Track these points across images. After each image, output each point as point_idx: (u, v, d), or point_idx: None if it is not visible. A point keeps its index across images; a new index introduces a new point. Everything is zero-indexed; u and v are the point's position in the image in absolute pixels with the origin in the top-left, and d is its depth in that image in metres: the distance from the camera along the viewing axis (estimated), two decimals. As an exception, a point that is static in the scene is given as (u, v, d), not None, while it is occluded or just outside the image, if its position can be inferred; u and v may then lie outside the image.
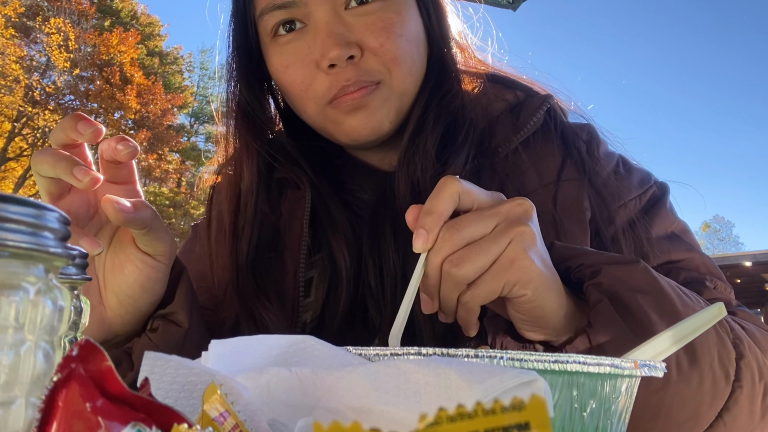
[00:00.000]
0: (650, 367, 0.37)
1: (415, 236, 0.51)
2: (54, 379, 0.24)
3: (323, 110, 0.73)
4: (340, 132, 0.74)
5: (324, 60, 0.69)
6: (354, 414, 0.32)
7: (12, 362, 0.28)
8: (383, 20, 0.71)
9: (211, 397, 0.28)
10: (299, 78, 0.72)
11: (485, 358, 0.34)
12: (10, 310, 0.28)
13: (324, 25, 0.69)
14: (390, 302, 0.71)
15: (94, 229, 0.63)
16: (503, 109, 0.79)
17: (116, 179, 0.63)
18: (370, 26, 0.70)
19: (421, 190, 0.73)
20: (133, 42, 16.76)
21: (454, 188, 0.51)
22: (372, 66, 0.70)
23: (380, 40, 0.70)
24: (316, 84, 0.71)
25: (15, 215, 0.28)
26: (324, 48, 0.69)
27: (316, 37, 0.70)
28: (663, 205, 0.75)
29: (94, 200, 0.63)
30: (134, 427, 0.24)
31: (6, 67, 14.56)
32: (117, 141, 0.60)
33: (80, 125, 0.58)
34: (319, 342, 0.38)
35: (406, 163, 0.74)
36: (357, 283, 0.74)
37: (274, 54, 0.74)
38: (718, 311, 0.46)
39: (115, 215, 0.58)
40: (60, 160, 0.57)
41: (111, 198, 0.58)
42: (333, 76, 0.70)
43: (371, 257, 0.74)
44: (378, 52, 0.70)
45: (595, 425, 0.35)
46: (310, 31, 0.71)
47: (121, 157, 0.60)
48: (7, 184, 15.60)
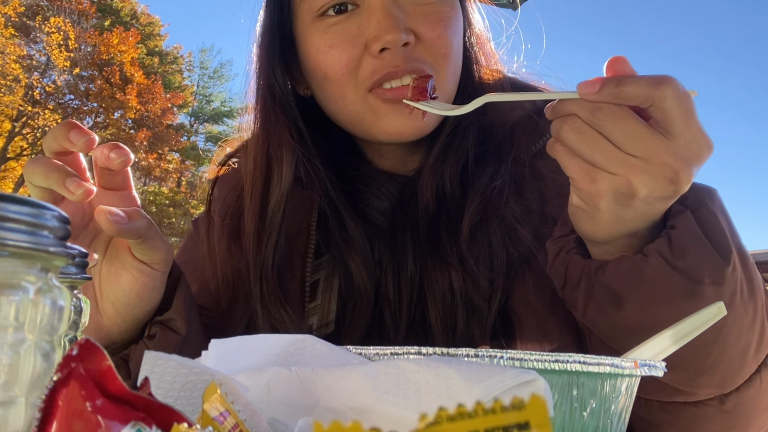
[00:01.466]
0: (650, 366, 0.37)
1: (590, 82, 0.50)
2: (54, 379, 0.24)
3: (364, 97, 0.69)
4: (379, 127, 0.70)
5: (377, 42, 0.66)
6: (354, 413, 0.32)
7: (12, 362, 0.28)
8: (441, 12, 0.69)
9: (211, 396, 0.28)
10: (344, 59, 0.69)
11: (485, 357, 0.34)
12: (9, 309, 0.28)
13: (380, 6, 0.67)
14: (406, 313, 0.70)
15: (89, 238, 0.62)
16: (522, 116, 0.78)
17: (111, 186, 0.62)
18: (428, 16, 0.68)
19: (446, 197, 0.72)
20: (133, 42, 16.75)
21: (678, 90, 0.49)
22: (424, 57, 0.68)
23: (438, 31, 0.68)
24: (361, 68, 0.68)
25: (15, 215, 0.28)
26: (380, 29, 0.66)
27: (371, 18, 0.67)
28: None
29: (89, 208, 0.62)
30: (134, 427, 0.24)
31: (6, 66, 14.56)
32: (110, 148, 0.59)
33: (72, 134, 0.57)
34: (319, 341, 0.38)
35: (434, 169, 0.73)
36: (375, 296, 0.73)
37: (315, 34, 0.70)
38: (717, 310, 0.46)
39: (109, 227, 0.56)
40: (52, 170, 0.56)
41: (104, 209, 0.57)
42: (380, 61, 0.67)
43: (389, 267, 0.72)
44: (433, 45, 0.68)
45: (595, 425, 0.35)
46: (364, 12, 0.68)
47: (114, 166, 0.59)
48: (7, 184, 15.60)
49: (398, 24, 0.66)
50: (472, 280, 0.68)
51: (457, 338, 0.67)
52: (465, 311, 0.69)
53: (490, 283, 0.68)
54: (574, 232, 0.61)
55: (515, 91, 0.78)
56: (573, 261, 0.59)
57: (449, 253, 0.70)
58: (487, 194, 0.71)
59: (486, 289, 0.68)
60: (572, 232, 0.61)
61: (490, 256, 0.68)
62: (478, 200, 0.71)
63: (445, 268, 0.70)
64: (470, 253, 0.69)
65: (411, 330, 0.71)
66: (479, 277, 0.68)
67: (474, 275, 0.68)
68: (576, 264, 0.59)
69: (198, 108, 21.19)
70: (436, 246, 0.71)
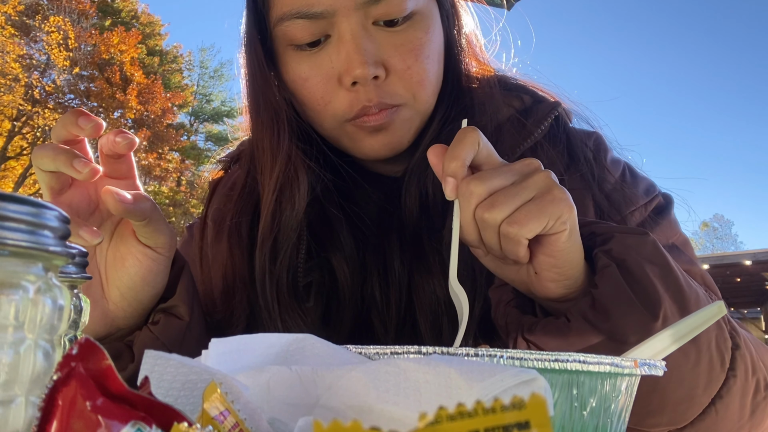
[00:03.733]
0: (650, 365, 0.37)
1: (444, 184, 0.54)
2: (54, 378, 0.24)
3: (341, 126, 0.70)
4: (357, 149, 0.72)
5: (347, 77, 0.66)
6: (354, 413, 0.32)
7: (12, 361, 0.28)
8: (412, 41, 0.68)
9: (211, 395, 0.28)
10: (318, 93, 0.69)
11: (485, 356, 0.34)
12: (9, 308, 0.28)
13: (351, 38, 0.66)
14: (395, 314, 0.71)
15: (96, 224, 0.64)
16: (510, 115, 0.77)
17: (116, 174, 0.64)
18: (398, 47, 0.67)
19: (429, 204, 0.72)
20: (133, 41, 16.74)
21: (476, 136, 0.54)
22: (395, 90, 0.68)
23: (408, 62, 0.68)
24: (336, 101, 0.68)
25: (14, 214, 0.28)
26: (349, 64, 0.66)
27: (341, 50, 0.66)
28: (667, 216, 0.74)
29: (95, 195, 0.64)
30: (134, 426, 0.24)
31: (6, 65, 14.55)
32: (115, 134, 0.61)
33: (81, 120, 0.59)
34: (319, 340, 0.39)
35: (417, 175, 0.73)
36: (361, 295, 0.73)
37: (290, 63, 0.70)
38: (717, 310, 0.46)
39: (115, 206, 0.58)
40: (60, 153, 0.58)
41: (111, 189, 0.59)
42: (354, 95, 0.67)
43: (375, 268, 0.73)
44: (404, 75, 0.68)
45: (595, 424, 0.35)
46: (333, 43, 0.67)
47: (120, 149, 0.61)
48: (7, 183, 15.59)
49: (367, 58, 0.65)
50: None
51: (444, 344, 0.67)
52: (449, 318, 0.69)
53: (472, 290, 0.68)
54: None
55: (504, 90, 0.79)
56: (511, 315, 0.60)
57: (431, 262, 0.71)
58: None
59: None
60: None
61: (471, 263, 0.68)
62: None
63: (429, 277, 0.70)
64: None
65: (401, 333, 0.71)
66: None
67: None
68: (513, 318, 0.59)
69: (198, 107, 21.18)
70: (419, 253, 0.72)
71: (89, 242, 0.57)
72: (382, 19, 0.67)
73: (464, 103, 0.75)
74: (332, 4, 0.65)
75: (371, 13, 0.66)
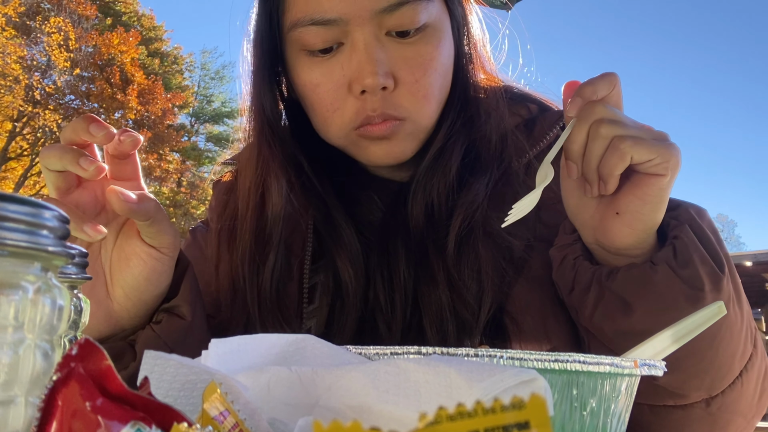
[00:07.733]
0: (650, 366, 0.37)
1: (571, 102, 0.58)
2: (53, 378, 0.24)
3: (348, 134, 0.71)
4: (361, 155, 0.73)
5: (357, 85, 0.67)
6: (354, 413, 0.32)
7: (11, 361, 0.28)
8: (423, 54, 0.69)
9: (211, 396, 0.28)
10: (328, 99, 0.70)
11: (485, 357, 0.34)
12: (9, 309, 0.28)
13: (363, 47, 0.66)
14: (400, 318, 0.71)
15: (102, 224, 0.63)
16: (516, 124, 0.78)
17: (121, 176, 0.65)
18: (408, 60, 0.68)
19: (435, 213, 0.73)
20: (134, 42, 16.74)
21: (614, 78, 0.58)
22: (401, 102, 0.68)
23: (416, 75, 0.68)
24: (344, 108, 0.69)
25: (14, 214, 0.28)
26: (360, 72, 0.66)
27: (353, 59, 0.67)
28: None
29: (102, 196, 0.64)
30: (134, 426, 0.24)
31: (6, 66, 14.56)
32: (120, 133, 0.61)
33: (92, 127, 0.60)
34: (319, 341, 0.39)
35: (424, 184, 0.73)
36: (365, 299, 0.73)
37: (302, 68, 0.71)
38: (717, 310, 0.46)
39: (120, 205, 0.59)
40: (67, 152, 0.59)
41: (116, 189, 0.59)
42: (361, 103, 0.68)
43: (379, 271, 0.73)
44: (411, 89, 0.68)
45: (595, 424, 0.35)
46: (346, 51, 0.68)
47: (125, 147, 0.61)
48: (7, 184, 15.60)
49: (378, 68, 0.66)
50: (459, 296, 0.69)
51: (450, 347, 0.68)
52: (455, 325, 0.69)
53: (478, 296, 0.69)
54: (579, 240, 0.64)
55: (510, 99, 0.79)
56: (583, 267, 0.62)
57: (436, 270, 0.71)
58: (473, 208, 0.72)
59: (473, 303, 0.69)
60: (576, 240, 0.65)
61: (477, 270, 0.69)
62: (463, 215, 0.71)
63: (434, 285, 0.71)
64: (456, 269, 0.70)
65: (406, 337, 0.71)
66: (466, 293, 0.69)
67: (460, 291, 0.69)
68: (586, 270, 0.62)
69: (199, 108, 21.19)
70: (425, 263, 0.72)
71: (92, 238, 0.57)
72: (395, 30, 0.68)
73: (471, 112, 0.76)
74: (347, 13, 0.66)
75: (385, 24, 0.67)
